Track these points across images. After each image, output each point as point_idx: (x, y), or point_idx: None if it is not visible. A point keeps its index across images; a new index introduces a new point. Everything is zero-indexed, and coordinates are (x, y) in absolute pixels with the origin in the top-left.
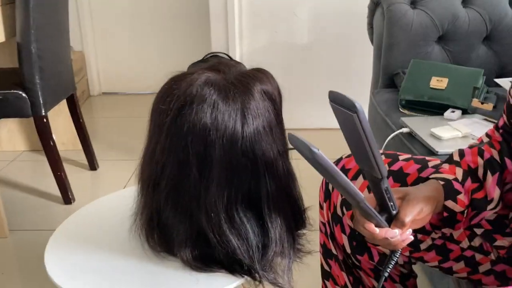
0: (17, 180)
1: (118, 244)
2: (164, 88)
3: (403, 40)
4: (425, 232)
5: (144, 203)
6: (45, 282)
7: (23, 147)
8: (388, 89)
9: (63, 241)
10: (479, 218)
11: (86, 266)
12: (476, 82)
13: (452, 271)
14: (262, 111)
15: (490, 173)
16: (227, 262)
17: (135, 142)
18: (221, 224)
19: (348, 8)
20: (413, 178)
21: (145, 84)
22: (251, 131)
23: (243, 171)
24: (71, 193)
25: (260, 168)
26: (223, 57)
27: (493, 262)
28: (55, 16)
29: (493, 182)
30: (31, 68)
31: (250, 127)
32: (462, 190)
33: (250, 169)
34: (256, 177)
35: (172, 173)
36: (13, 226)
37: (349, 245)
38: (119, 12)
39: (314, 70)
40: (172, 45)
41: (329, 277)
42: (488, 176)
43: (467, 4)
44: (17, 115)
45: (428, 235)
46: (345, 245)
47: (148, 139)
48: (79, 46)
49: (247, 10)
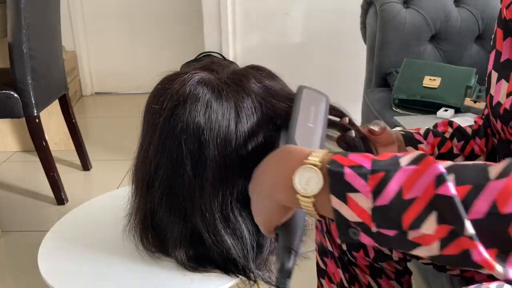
0: (9, 181)
1: (112, 244)
2: (157, 87)
3: (396, 40)
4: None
5: (138, 204)
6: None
7: (15, 148)
8: (381, 88)
9: (57, 242)
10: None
11: (79, 267)
12: (468, 81)
13: (445, 268)
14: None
15: (456, 139)
16: (221, 262)
17: (128, 142)
18: (216, 223)
19: (341, 8)
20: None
21: (138, 84)
22: (245, 130)
23: (238, 170)
24: (64, 193)
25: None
26: (216, 57)
27: None
28: (47, 15)
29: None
30: (23, 68)
31: (244, 126)
32: (424, 141)
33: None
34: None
35: (166, 173)
36: (5, 227)
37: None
38: (111, 11)
39: (307, 70)
40: (165, 45)
41: (324, 275)
42: (454, 140)
43: (459, 4)
44: (9, 115)
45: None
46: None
47: (142, 139)
48: (71, 46)
49: (240, 10)
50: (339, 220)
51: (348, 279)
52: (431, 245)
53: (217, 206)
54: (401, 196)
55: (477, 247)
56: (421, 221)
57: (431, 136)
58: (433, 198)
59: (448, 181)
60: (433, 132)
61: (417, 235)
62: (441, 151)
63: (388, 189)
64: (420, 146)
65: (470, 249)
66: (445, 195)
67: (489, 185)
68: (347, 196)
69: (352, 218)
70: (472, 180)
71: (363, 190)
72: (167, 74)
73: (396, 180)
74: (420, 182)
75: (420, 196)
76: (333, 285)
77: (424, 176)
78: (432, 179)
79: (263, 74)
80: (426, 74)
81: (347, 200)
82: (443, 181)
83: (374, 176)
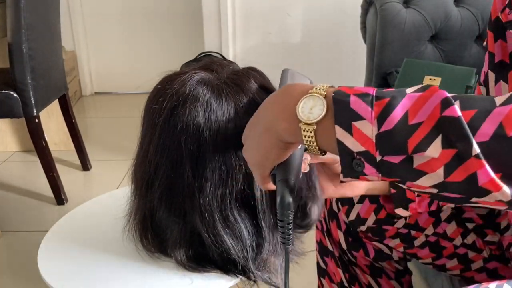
0: (9, 181)
1: (111, 244)
2: (157, 87)
3: (396, 39)
4: (419, 229)
5: (137, 204)
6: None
7: (15, 148)
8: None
9: (56, 242)
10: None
11: (79, 267)
12: (469, 81)
13: (445, 268)
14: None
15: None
16: (221, 262)
17: (128, 142)
18: (215, 224)
19: (341, 8)
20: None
21: (137, 84)
22: None
23: (237, 171)
24: (63, 193)
25: None
26: (216, 57)
27: (485, 260)
28: (47, 15)
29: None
30: (22, 68)
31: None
32: None
33: (244, 169)
34: (250, 176)
35: (165, 173)
36: (5, 227)
37: (344, 241)
38: (111, 11)
39: (307, 69)
40: (164, 45)
41: (325, 275)
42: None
43: (459, 3)
44: (8, 115)
45: (421, 231)
46: (341, 241)
47: (141, 139)
48: (71, 46)
49: (240, 9)
50: (343, 152)
51: (348, 279)
52: (436, 171)
53: (216, 207)
54: (407, 121)
55: (484, 167)
56: (427, 144)
57: None
58: (438, 120)
59: (454, 104)
60: None
61: (422, 161)
62: None
63: (394, 114)
64: None
65: (477, 170)
66: (451, 116)
67: (495, 110)
68: (352, 125)
69: (356, 148)
70: (478, 106)
71: (368, 117)
72: (167, 74)
73: (402, 105)
74: (425, 106)
75: (425, 120)
76: (333, 284)
77: (430, 101)
78: (437, 103)
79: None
80: (426, 74)
81: (351, 129)
82: (449, 104)
83: (380, 102)
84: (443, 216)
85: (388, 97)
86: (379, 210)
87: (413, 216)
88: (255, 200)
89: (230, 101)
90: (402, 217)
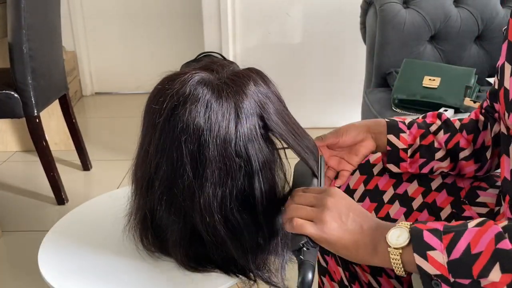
0: (9, 181)
1: (112, 244)
2: (157, 88)
3: (395, 40)
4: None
5: (138, 204)
6: (38, 283)
7: (15, 148)
8: (381, 88)
9: (57, 241)
10: (429, 166)
11: (80, 267)
12: (468, 81)
13: None
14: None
15: (442, 131)
16: (221, 262)
17: (128, 142)
18: (215, 224)
19: (340, 8)
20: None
21: (137, 84)
22: (245, 131)
23: (237, 171)
24: (64, 193)
25: (254, 168)
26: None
27: None
28: (47, 16)
29: (444, 137)
30: (23, 68)
31: (244, 127)
32: (407, 131)
33: (244, 169)
34: (250, 176)
35: (165, 173)
36: (5, 227)
37: None
38: (111, 12)
39: (306, 70)
40: (164, 45)
41: (325, 273)
42: (440, 132)
43: (458, 4)
44: (9, 115)
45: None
46: None
47: (141, 139)
48: (71, 46)
49: (240, 10)
50: (423, 274)
51: (349, 277)
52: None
53: (216, 207)
54: (470, 251)
55: None
56: (488, 270)
57: (415, 127)
58: (494, 251)
59: (506, 238)
60: (418, 123)
61: (487, 283)
62: (423, 142)
63: (459, 246)
64: (402, 135)
65: None
66: (504, 249)
67: None
68: (427, 254)
69: (432, 271)
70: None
71: (439, 248)
72: (167, 74)
73: (465, 238)
74: (483, 239)
75: (484, 250)
76: (334, 283)
77: (486, 234)
78: (492, 237)
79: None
80: (425, 74)
81: (427, 257)
82: (502, 238)
83: (447, 236)
84: (443, 216)
85: (453, 231)
86: (379, 209)
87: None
88: (255, 200)
89: (230, 101)
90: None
